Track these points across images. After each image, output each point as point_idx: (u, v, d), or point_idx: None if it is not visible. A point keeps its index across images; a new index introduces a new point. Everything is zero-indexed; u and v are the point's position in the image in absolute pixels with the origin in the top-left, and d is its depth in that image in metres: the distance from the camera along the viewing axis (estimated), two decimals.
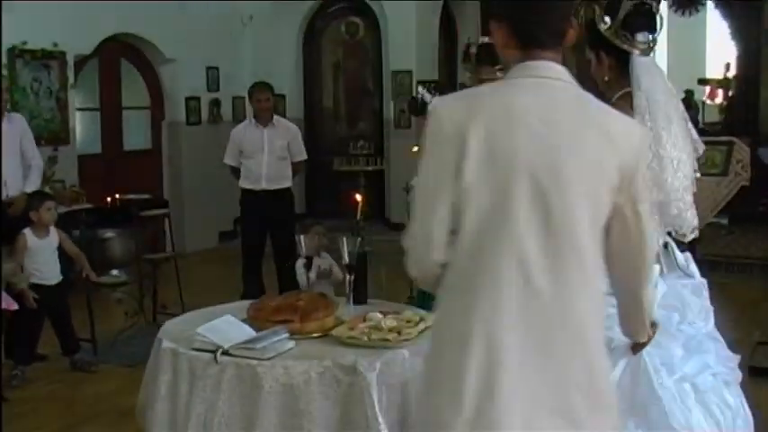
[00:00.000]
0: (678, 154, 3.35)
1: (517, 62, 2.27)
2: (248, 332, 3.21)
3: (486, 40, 4.95)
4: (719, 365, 3.45)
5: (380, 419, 3.00)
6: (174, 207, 9.37)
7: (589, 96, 2.29)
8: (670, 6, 12.71)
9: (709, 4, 12.69)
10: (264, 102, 7.69)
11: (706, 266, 8.26)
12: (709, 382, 3.37)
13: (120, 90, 10.59)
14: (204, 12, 10.94)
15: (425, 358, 2.39)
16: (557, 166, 2.14)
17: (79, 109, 9.82)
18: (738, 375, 3.56)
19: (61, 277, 6.29)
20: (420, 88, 5.27)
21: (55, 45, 9.15)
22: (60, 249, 6.32)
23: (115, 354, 6.66)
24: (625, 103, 3.32)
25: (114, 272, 8.27)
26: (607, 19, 3.46)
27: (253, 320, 3.34)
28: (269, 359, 3.03)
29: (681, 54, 17.35)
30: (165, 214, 7.35)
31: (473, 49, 4.99)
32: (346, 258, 3.71)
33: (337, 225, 6.45)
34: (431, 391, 2.22)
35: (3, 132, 6.52)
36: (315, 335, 3.30)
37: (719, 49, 15.80)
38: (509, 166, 2.14)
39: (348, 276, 3.72)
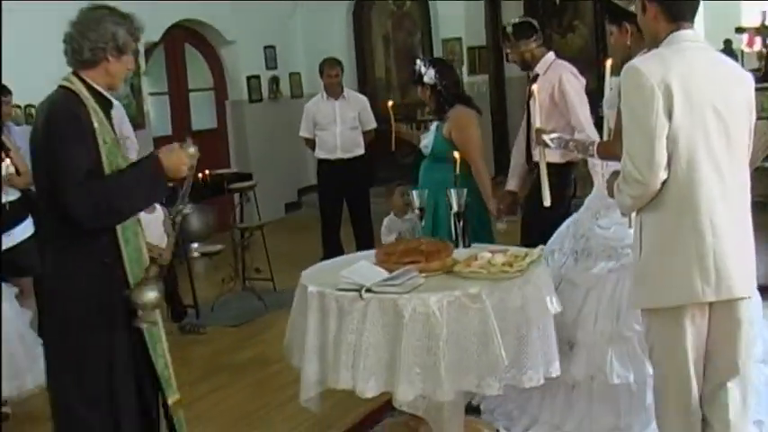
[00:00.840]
0: None
1: (668, 32, 3.21)
2: (383, 273, 3.75)
3: (517, 20, 5.59)
4: None
5: (499, 338, 3.54)
6: None
7: (717, 52, 3.40)
8: None
9: None
10: (334, 77, 8.21)
11: (759, 207, 8.82)
12: None
13: (185, 73, 11.18)
14: None
15: (647, 256, 3.28)
16: (728, 101, 3.19)
17: (151, 94, 10.38)
18: None
19: None
20: (418, 60, 5.81)
21: None
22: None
23: (215, 317, 7.26)
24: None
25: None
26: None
27: (382, 264, 3.88)
28: (407, 293, 3.58)
29: (716, 5, 17.57)
30: (252, 186, 7.85)
31: (509, 29, 5.57)
32: (455, 207, 4.24)
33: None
34: (665, 273, 3.22)
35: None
36: (438, 272, 3.83)
37: None
38: (700, 104, 3.14)
39: (458, 223, 4.25)
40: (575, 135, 5.00)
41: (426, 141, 5.77)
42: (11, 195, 6.09)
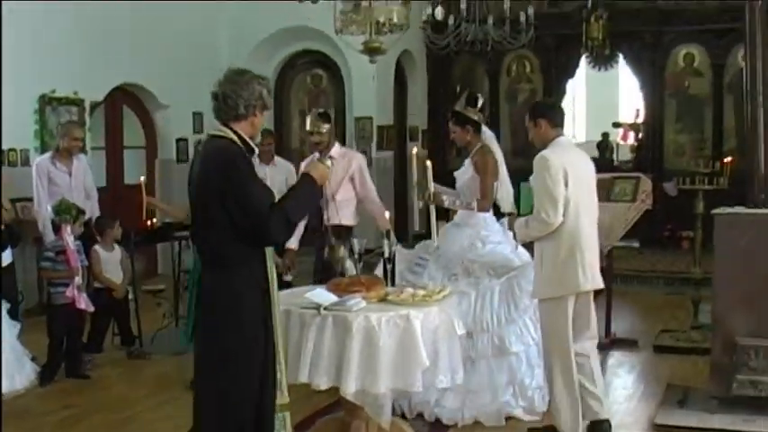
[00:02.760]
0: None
1: (554, 137, 5.40)
2: (334, 297, 4.97)
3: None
4: None
5: (422, 350, 4.79)
6: None
7: (577, 147, 5.55)
8: (589, 63, 14.65)
9: (621, 61, 14.57)
10: (267, 145, 9.40)
11: (621, 279, 10.40)
12: None
13: (122, 132, 12.25)
14: (192, 62, 12.64)
15: (547, 266, 5.48)
16: (589, 177, 5.52)
17: (92, 148, 11.39)
18: None
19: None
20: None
21: (75, 93, 10.78)
22: None
23: (156, 346, 8.26)
24: (483, 152, 6.41)
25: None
26: (469, 107, 6.52)
27: (334, 291, 5.10)
28: (355, 311, 4.81)
29: (598, 102, 19.41)
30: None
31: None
32: (387, 254, 5.51)
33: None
34: (561, 275, 5.40)
35: (74, 169, 8.27)
36: (375, 300, 5.06)
37: (631, 97, 17.47)
38: (579, 179, 5.35)
39: (388, 266, 5.51)
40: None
41: None
42: None
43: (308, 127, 7.17)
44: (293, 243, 7.08)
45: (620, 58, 14.33)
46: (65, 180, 8.54)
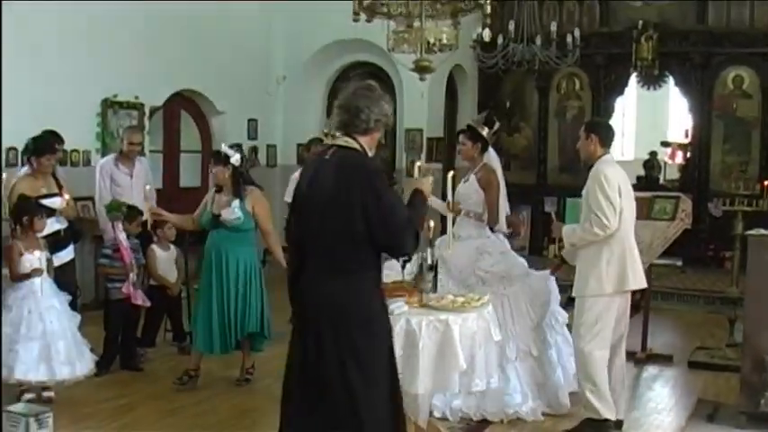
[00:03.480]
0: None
1: (602, 154, 6.18)
2: None
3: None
4: None
5: (460, 353, 5.04)
6: None
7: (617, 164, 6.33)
8: (638, 82, 14.79)
9: (671, 80, 14.65)
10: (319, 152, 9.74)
11: (662, 296, 10.56)
12: None
13: (179, 136, 12.66)
14: (248, 71, 13.13)
15: (592, 269, 6.12)
16: (632, 194, 6.24)
17: (150, 151, 11.81)
18: None
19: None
20: (223, 145, 7.30)
21: (136, 98, 11.21)
22: None
23: None
24: (487, 169, 6.80)
25: None
26: (484, 126, 6.84)
27: None
28: (397, 315, 5.08)
29: (647, 120, 19.45)
30: None
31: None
32: (430, 261, 5.77)
33: None
34: (618, 274, 6.07)
35: (135, 171, 8.69)
36: (416, 305, 5.33)
37: (680, 117, 17.54)
38: (627, 193, 6.12)
39: (431, 274, 5.77)
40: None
41: (230, 216, 6.95)
42: (63, 224, 7.51)
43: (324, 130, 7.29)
44: None
45: (670, 78, 14.40)
46: (126, 181, 8.95)
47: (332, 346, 4.15)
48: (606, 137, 6.23)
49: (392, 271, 6.00)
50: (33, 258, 6.56)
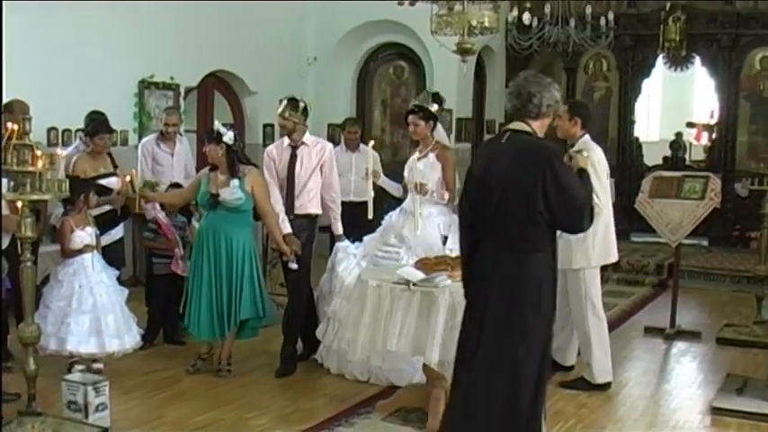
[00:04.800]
0: None
1: (582, 134, 6.58)
2: (422, 275, 5.47)
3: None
4: None
5: None
6: None
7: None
8: (665, 64, 14.87)
9: (698, 62, 14.67)
10: (354, 133, 9.95)
11: (689, 275, 10.71)
12: None
13: (212, 116, 12.84)
14: (280, 51, 13.35)
15: (585, 244, 6.46)
16: (607, 168, 6.72)
17: (186, 131, 12.00)
18: None
19: None
20: (216, 122, 7.30)
21: (171, 78, 11.45)
22: None
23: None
24: (443, 146, 7.09)
25: None
26: (434, 105, 7.07)
27: (422, 269, 5.60)
28: (441, 288, 5.30)
29: (673, 101, 19.50)
30: None
31: None
32: None
33: None
34: (607, 247, 6.68)
35: (176, 150, 8.92)
36: (459, 278, 5.53)
37: (706, 98, 17.39)
38: (607, 174, 6.61)
39: None
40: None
41: (230, 196, 6.82)
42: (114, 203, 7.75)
43: (278, 111, 7.36)
44: (290, 228, 7.11)
45: (697, 59, 14.46)
46: (167, 160, 9.20)
47: (503, 322, 4.34)
48: (587, 119, 6.71)
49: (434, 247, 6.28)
50: (84, 235, 6.79)
